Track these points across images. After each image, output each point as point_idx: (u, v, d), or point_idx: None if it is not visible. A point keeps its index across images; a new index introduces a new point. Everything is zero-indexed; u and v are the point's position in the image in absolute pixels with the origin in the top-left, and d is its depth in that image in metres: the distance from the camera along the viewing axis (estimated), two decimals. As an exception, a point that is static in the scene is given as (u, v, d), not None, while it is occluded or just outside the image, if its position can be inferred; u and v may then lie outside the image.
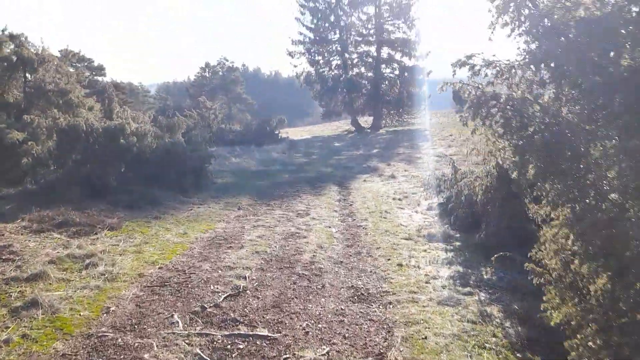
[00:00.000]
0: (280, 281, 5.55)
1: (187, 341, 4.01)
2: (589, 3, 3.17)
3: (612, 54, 3.13)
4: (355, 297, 5.16)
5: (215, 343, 4.01)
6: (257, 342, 4.05)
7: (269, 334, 4.19)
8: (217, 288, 5.24)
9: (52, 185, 9.38)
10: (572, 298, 3.35)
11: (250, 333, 4.21)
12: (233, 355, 3.84)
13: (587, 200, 3.20)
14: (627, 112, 2.94)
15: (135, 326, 4.29)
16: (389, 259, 6.50)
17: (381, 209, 9.59)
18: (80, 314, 4.47)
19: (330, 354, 3.91)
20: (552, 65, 3.50)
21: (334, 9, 31.13)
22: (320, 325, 4.42)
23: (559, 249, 3.58)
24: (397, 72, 32.22)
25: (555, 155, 3.28)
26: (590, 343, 2.98)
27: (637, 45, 2.99)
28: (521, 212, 6.26)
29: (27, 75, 12.88)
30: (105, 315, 4.50)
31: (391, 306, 4.92)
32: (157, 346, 3.91)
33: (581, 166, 3.24)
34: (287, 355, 3.86)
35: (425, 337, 4.22)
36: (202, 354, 3.81)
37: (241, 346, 3.99)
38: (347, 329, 4.37)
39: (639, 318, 2.81)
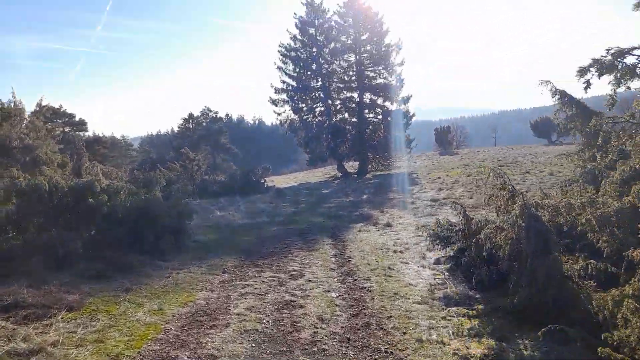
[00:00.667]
0: (277, 375, 4.36)
1: None
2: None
3: None
4: (375, 396, 3.99)
5: None
6: None
7: None
8: (197, 392, 4.02)
9: (9, 255, 8.10)
10: None
11: None
12: None
13: None
14: None
15: None
16: (404, 333, 5.36)
17: (383, 265, 8.49)
18: None
19: None
20: None
21: (315, 58, 31.12)
22: None
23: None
24: (380, 117, 31.95)
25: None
26: None
27: None
28: (556, 268, 5.27)
29: (-9, 131, 11.80)
30: None
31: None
32: None
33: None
34: None
35: None
36: None
37: None
38: None
39: None
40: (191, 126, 44.59)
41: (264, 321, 5.75)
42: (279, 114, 31.94)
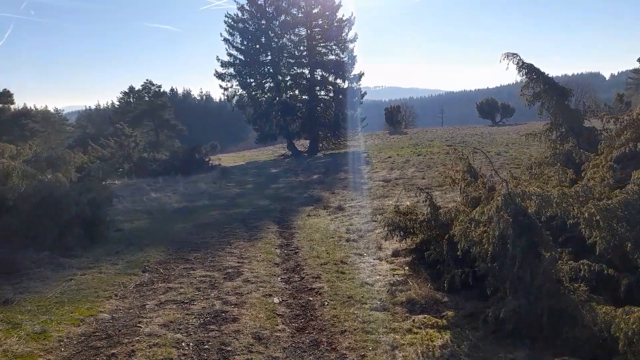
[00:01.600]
0: None
1: None
2: None
3: None
4: None
5: None
6: None
7: None
8: None
9: None
10: None
11: None
12: None
13: None
14: None
15: None
16: (363, 356, 4.14)
17: (335, 258, 7.25)
18: None
19: None
20: None
21: (264, 30, 29.05)
22: None
23: None
24: (331, 94, 30.61)
25: None
26: None
27: None
28: (551, 274, 4.20)
29: None
30: None
31: None
32: None
33: None
34: None
35: None
36: None
37: None
38: None
39: None
40: (132, 100, 41.14)
41: (183, 345, 4.33)
42: (225, 89, 29.83)
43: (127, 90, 40.74)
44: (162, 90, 41.09)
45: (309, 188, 15.79)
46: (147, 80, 39.64)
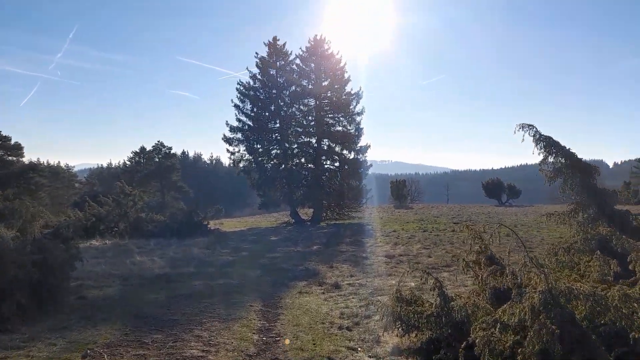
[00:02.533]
0: None
1: None
2: None
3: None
4: None
5: None
6: None
7: None
8: None
9: None
10: None
11: None
12: None
13: None
14: None
15: None
16: None
17: (322, 351, 5.84)
18: None
19: None
20: None
21: (274, 99, 29.22)
22: None
23: None
24: (337, 164, 30.03)
25: None
26: None
27: None
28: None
29: None
30: None
31: None
32: None
33: None
34: None
35: None
36: None
37: None
38: None
39: None
40: (142, 160, 41.03)
41: None
42: (232, 153, 29.37)
43: (137, 150, 40.82)
44: (172, 152, 41.11)
45: (307, 260, 14.44)
46: (158, 141, 39.89)
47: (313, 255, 15.72)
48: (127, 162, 42.97)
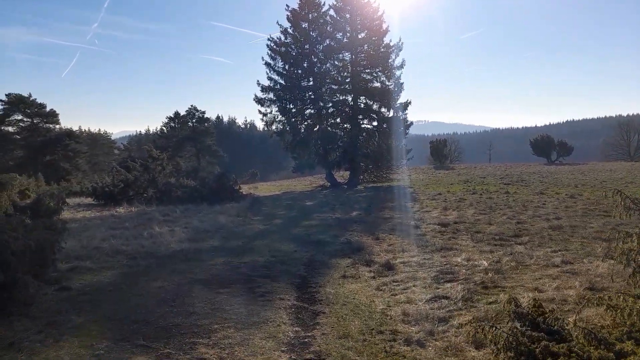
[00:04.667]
0: None
1: None
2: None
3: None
4: None
5: None
6: None
7: None
8: None
9: None
10: None
11: None
12: None
13: None
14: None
15: None
16: None
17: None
18: None
19: None
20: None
21: (307, 55, 26.33)
22: None
23: None
24: (375, 124, 27.18)
25: None
26: None
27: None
28: None
29: None
30: None
31: None
32: None
33: None
34: None
35: None
36: None
37: None
38: None
39: None
40: (177, 126, 39.45)
41: None
42: (264, 115, 27.05)
43: (172, 116, 39.16)
44: (205, 116, 39.26)
45: (347, 229, 12.14)
46: (191, 106, 37.95)
47: (354, 223, 13.40)
48: (163, 128, 41.64)
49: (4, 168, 27.50)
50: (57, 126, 32.48)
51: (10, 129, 30.23)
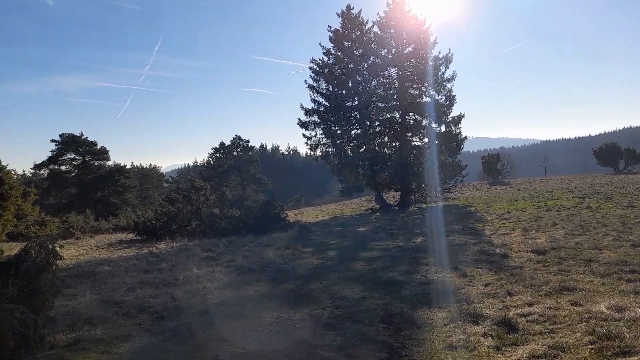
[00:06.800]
0: None
1: None
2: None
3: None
4: None
5: None
6: None
7: None
8: None
9: None
10: None
11: None
12: None
13: None
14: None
15: None
16: None
17: None
18: None
19: None
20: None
21: (351, 74, 24.43)
22: None
23: None
24: (426, 140, 24.59)
25: None
26: None
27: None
28: None
29: None
30: None
31: None
32: None
33: None
34: None
35: None
36: None
37: None
38: None
39: None
40: (222, 156, 38.55)
41: None
42: (309, 138, 25.18)
43: (217, 147, 38.37)
44: (249, 144, 38.18)
45: (419, 262, 9.60)
46: (236, 135, 37.08)
47: (422, 253, 10.81)
48: (209, 159, 40.95)
49: (57, 206, 27.51)
50: (108, 163, 32.44)
51: (63, 167, 30.52)
